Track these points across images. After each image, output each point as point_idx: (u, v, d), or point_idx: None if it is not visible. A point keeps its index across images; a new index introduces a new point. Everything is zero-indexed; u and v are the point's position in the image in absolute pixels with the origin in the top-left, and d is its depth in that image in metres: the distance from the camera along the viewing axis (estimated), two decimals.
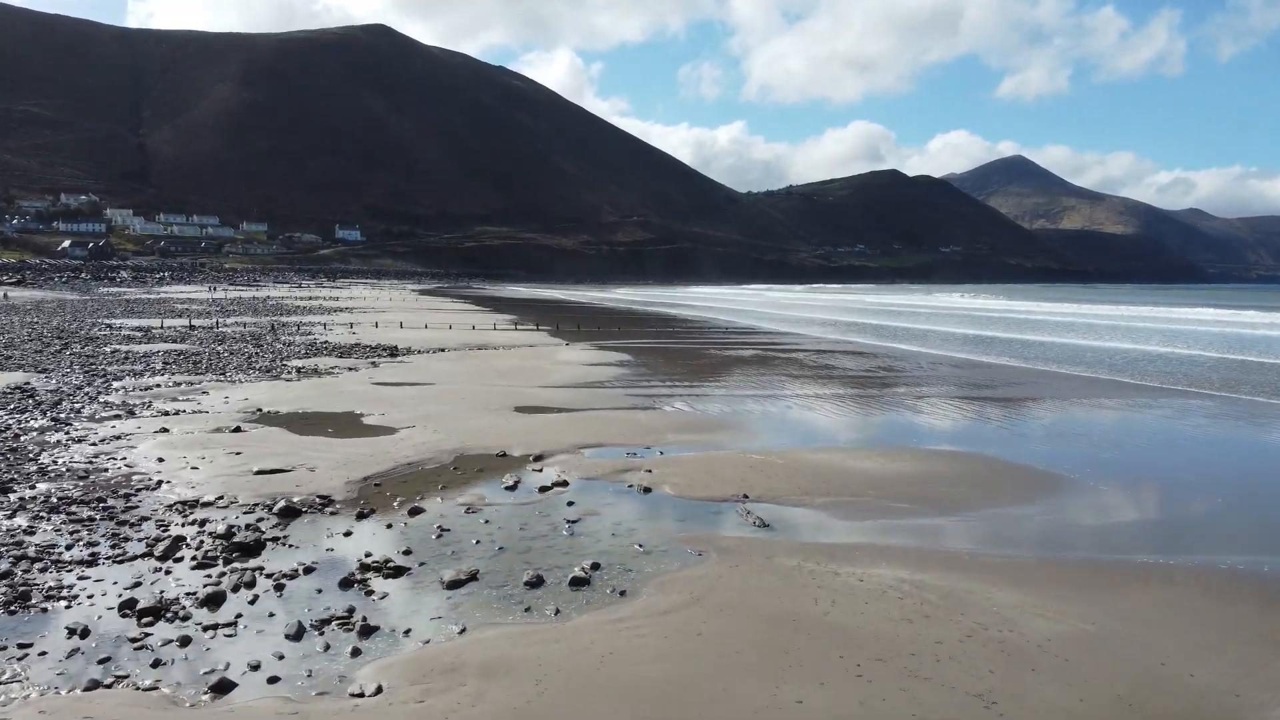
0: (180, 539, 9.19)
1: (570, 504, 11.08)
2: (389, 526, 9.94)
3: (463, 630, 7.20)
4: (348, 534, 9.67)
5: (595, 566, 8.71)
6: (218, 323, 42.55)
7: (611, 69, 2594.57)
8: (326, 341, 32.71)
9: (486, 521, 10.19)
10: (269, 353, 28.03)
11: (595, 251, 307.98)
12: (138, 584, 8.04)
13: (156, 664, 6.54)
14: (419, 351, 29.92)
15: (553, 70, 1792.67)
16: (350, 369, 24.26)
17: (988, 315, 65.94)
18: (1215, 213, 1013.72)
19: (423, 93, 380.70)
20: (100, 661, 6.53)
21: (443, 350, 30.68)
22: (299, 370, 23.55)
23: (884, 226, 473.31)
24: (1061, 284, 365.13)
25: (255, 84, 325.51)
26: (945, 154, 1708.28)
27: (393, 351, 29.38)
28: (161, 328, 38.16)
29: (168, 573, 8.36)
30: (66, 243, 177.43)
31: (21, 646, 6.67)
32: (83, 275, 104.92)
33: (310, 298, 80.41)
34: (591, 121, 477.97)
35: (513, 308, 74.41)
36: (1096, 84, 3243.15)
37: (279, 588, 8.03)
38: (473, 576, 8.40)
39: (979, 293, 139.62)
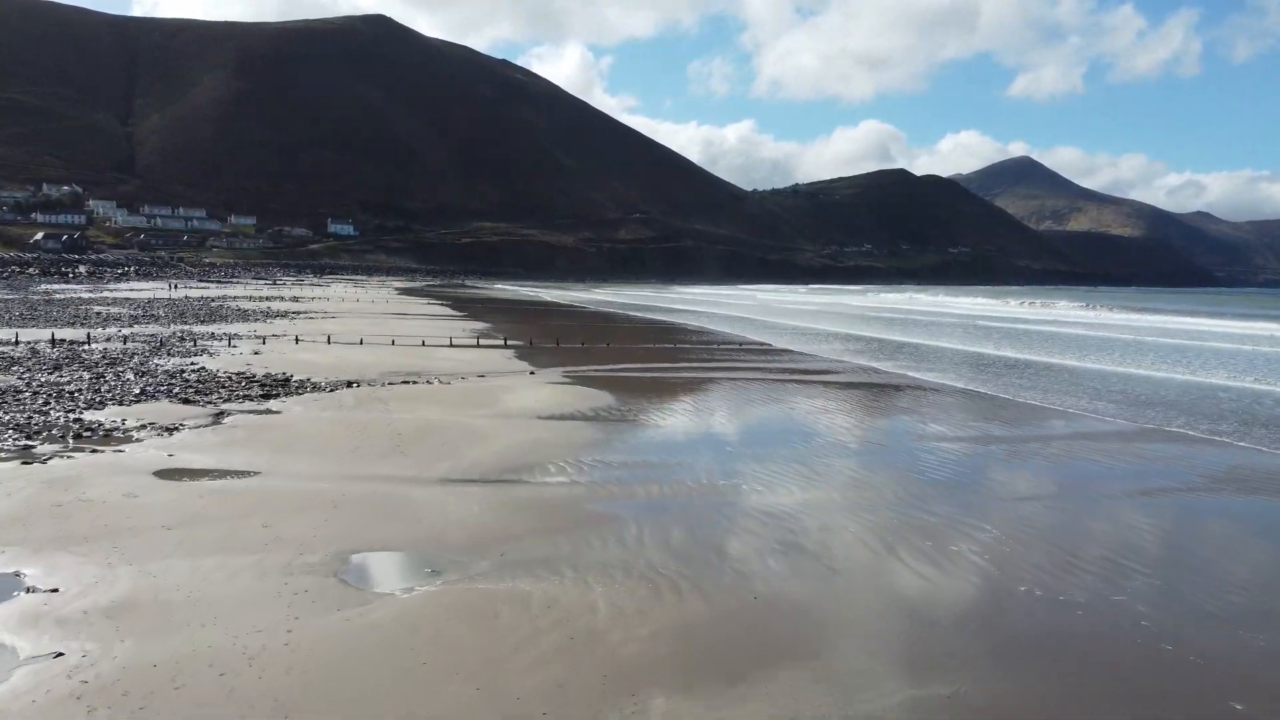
0: None
1: None
2: None
3: None
4: None
5: None
6: (116, 334, 33.99)
7: (621, 65, 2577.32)
8: (202, 369, 24.12)
9: None
10: (90, 391, 19.44)
11: (595, 249, 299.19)
12: None
13: None
14: (312, 389, 21.30)
15: (562, 66, 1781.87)
16: (168, 429, 15.63)
17: (1006, 325, 57.23)
18: (1223, 216, 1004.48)
19: (421, 85, 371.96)
20: None
21: (349, 386, 22.06)
22: (75, 433, 14.96)
23: (891, 226, 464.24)
24: (1070, 286, 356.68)
25: (249, 73, 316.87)
26: (956, 154, 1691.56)
27: (272, 391, 20.76)
28: (16, 343, 29.63)
29: None
30: (40, 235, 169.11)
31: None
32: (30, 270, 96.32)
33: (268, 298, 71.80)
34: (595, 116, 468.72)
35: (492, 312, 65.81)
36: (1111, 84, 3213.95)
37: None
38: None
39: (989, 295, 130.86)
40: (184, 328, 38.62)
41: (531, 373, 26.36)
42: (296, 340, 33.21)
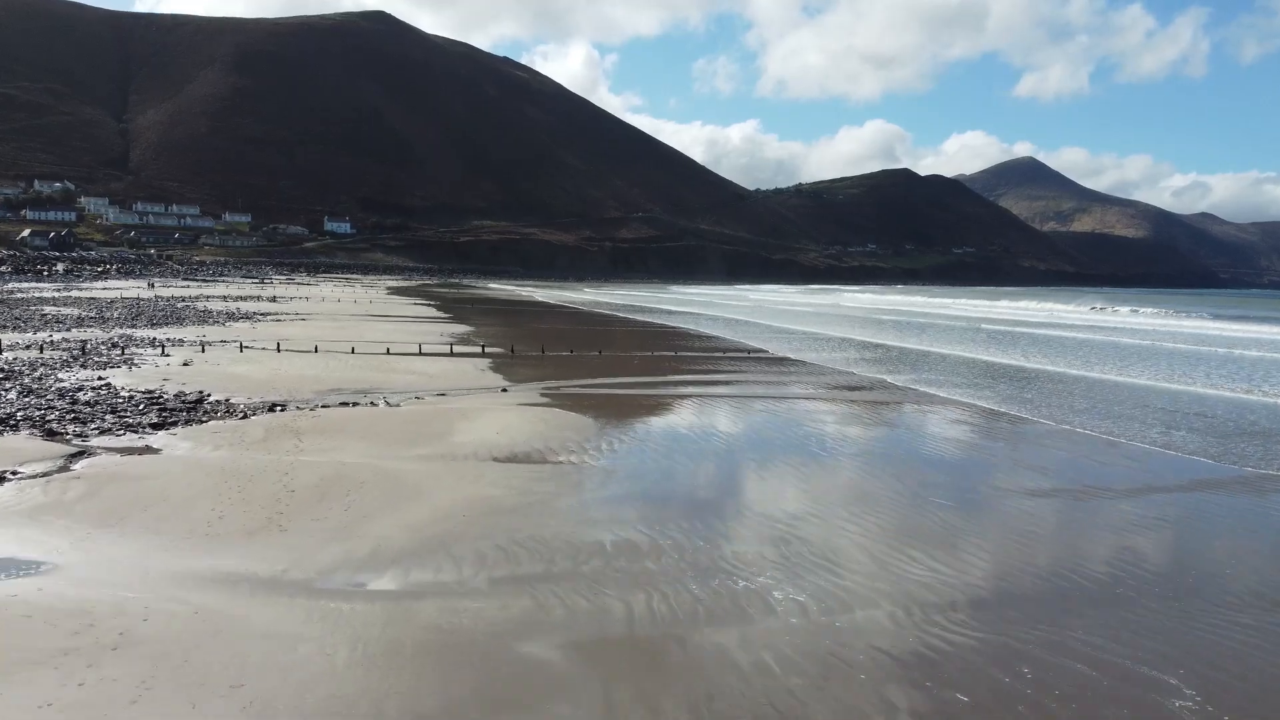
0: None
1: None
2: None
3: None
4: None
5: None
6: (45, 339, 30.03)
7: (625, 63, 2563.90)
8: (107, 385, 20.11)
9: None
10: None
11: (597, 248, 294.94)
12: None
13: None
14: (224, 414, 17.25)
15: (567, 64, 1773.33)
16: None
17: (1029, 330, 53.11)
18: (1228, 217, 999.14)
19: (422, 82, 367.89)
20: None
21: (271, 410, 18.02)
22: None
23: (895, 226, 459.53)
24: (1078, 287, 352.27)
25: (246, 69, 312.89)
26: (962, 155, 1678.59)
27: (171, 417, 16.70)
28: None
29: None
30: (26, 232, 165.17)
31: None
32: (3, 269, 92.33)
33: (244, 298, 67.72)
34: (597, 114, 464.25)
35: (480, 314, 61.77)
36: (1118, 84, 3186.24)
37: None
38: None
39: (997, 296, 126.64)
40: (128, 332, 34.62)
41: (504, 389, 22.32)
42: (241, 348, 29.16)
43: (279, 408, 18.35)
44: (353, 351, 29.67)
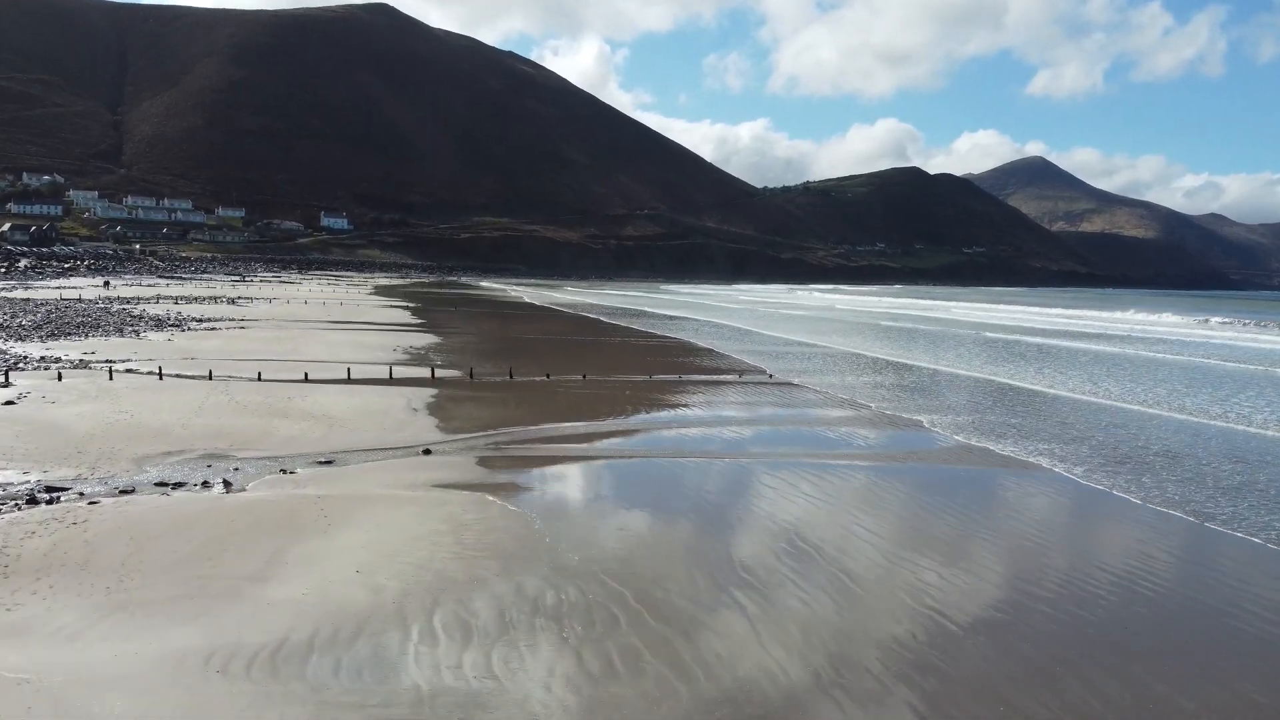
0: None
1: None
2: None
3: None
4: None
5: None
6: None
7: (636, 59, 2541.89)
8: None
9: None
10: None
11: (601, 245, 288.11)
12: None
13: None
14: None
15: (578, 60, 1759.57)
16: None
17: (1076, 345, 46.19)
18: (1237, 218, 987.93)
19: (424, 76, 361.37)
20: None
21: (33, 503, 11.37)
22: None
23: (905, 225, 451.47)
24: (1092, 289, 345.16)
25: (245, 62, 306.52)
26: (974, 154, 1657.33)
27: None
28: None
29: None
30: (6, 226, 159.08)
31: None
32: None
33: (200, 298, 60.99)
34: (603, 110, 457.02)
35: (460, 319, 55.10)
36: (1133, 82, 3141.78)
37: None
38: None
39: (1018, 298, 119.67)
40: (6, 347, 28.13)
41: (427, 451, 15.59)
42: (111, 374, 22.47)
43: (53, 495, 11.68)
44: (259, 378, 22.95)
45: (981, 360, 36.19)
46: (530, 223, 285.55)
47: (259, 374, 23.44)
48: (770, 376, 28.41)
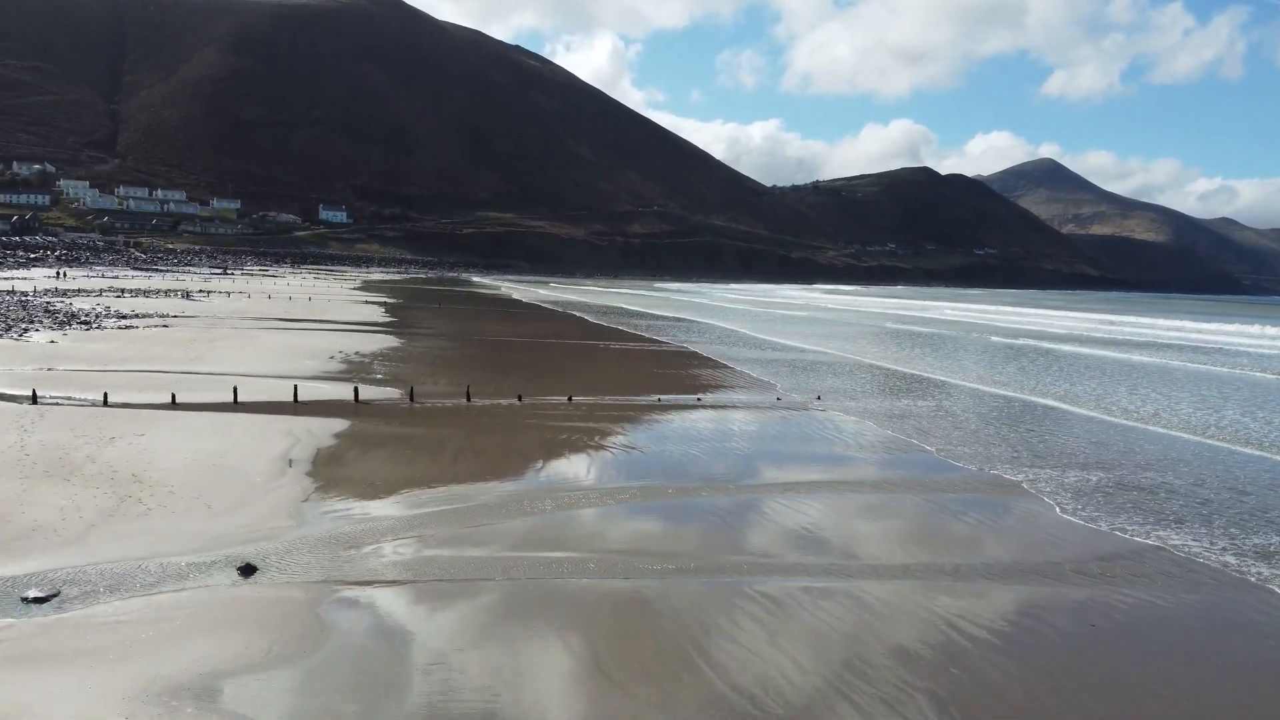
0: None
1: None
2: None
3: None
4: None
5: None
6: None
7: (649, 56, 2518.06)
8: None
9: None
10: None
11: (607, 243, 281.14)
12: None
13: None
14: None
15: (591, 56, 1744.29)
16: None
17: (1136, 359, 39.51)
18: (1249, 223, 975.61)
19: (428, 68, 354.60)
20: None
21: None
22: None
23: (915, 225, 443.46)
24: (1105, 291, 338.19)
25: (244, 51, 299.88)
26: (987, 157, 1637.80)
27: None
28: None
29: None
30: None
31: None
32: None
33: (156, 291, 54.51)
34: (611, 106, 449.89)
35: (431, 319, 48.52)
36: (1150, 84, 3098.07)
37: None
38: None
39: (1037, 302, 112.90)
40: None
41: (247, 570, 9.08)
42: None
43: None
44: (104, 401, 16.39)
45: (1052, 377, 29.53)
46: (534, 218, 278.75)
47: (105, 396, 16.87)
48: (779, 399, 21.77)
